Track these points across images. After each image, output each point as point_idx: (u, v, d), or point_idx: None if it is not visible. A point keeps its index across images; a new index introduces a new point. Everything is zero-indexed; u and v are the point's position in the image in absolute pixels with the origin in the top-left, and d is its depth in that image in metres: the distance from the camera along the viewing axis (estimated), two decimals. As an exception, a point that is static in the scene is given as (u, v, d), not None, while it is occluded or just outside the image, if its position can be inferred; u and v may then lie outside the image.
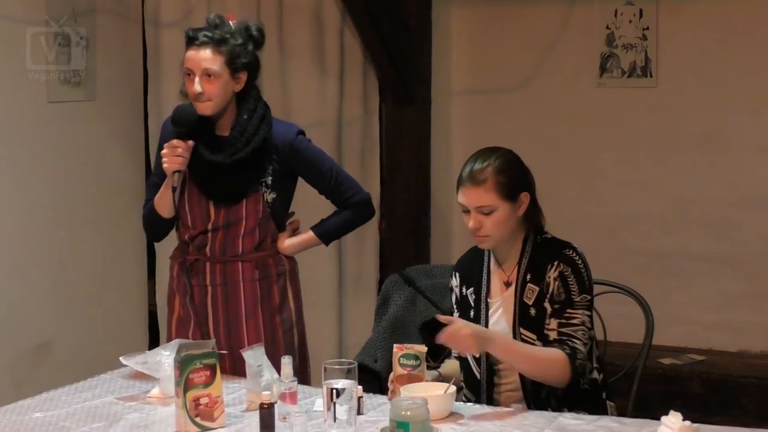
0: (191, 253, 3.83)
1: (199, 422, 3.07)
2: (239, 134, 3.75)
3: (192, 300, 3.82)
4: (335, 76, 5.78)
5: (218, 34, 3.70)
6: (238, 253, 3.81)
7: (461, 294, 3.53)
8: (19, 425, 3.16)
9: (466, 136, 5.91)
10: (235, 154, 3.73)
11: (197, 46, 3.69)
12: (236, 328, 3.82)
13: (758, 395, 5.03)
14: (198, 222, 3.81)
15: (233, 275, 3.82)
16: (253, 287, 3.83)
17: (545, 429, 3.06)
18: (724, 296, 5.47)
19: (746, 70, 5.38)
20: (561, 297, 3.30)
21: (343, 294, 5.86)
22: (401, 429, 2.84)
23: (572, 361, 3.25)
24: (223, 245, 3.81)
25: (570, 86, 5.72)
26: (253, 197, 3.79)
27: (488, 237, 3.35)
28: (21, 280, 5.12)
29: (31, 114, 5.17)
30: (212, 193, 3.78)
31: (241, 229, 3.80)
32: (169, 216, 3.81)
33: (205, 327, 3.82)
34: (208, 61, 3.68)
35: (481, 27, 5.90)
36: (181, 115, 3.73)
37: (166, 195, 3.76)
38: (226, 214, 3.78)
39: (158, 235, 4.02)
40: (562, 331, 3.28)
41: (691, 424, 2.91)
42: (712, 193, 5.47)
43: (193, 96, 3.71)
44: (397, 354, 3.25)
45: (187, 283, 3.82)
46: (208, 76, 3.69)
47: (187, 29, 3.78)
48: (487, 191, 3.30)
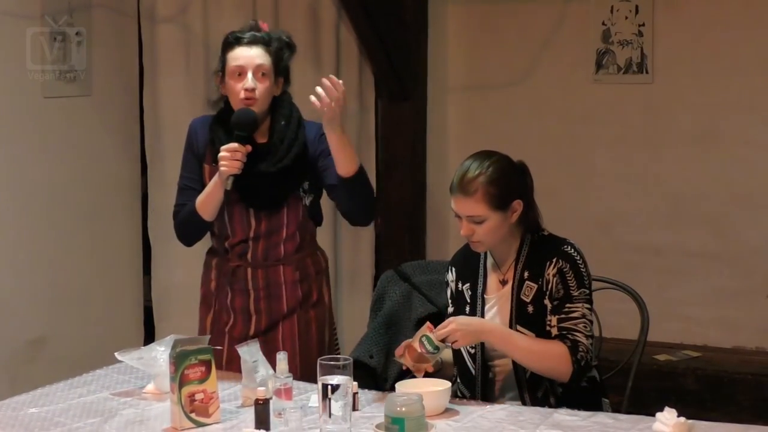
0: (232, 259, 3.80)
1: (195, 418, 3.07)
2: (279, 141, 3.71)
3: (233, 304, 3.80)
4: (331, 73, 5.75)
5: (264, 36, 3.69)
6: (280, 258, 3.79)
7: (457, 289, 3.53)
8: (14, 421, 3.15)
9: (462, 131, 5.92)
10: (279, 162, 3.69)
11: (247, 44, 3.66)
12: (274, 328, 3.80)
13: (753, 391, 5.04)
14: (239, 231, 3.76)
15: (275, 278, 3.79)
16: (294, 288, 3.81)
17: (540, 425, 3.06)
18: (719, 292, 5.48)
19: (742, 67, 5.38)
20: (560, 293, 3.30)
21: (338, 289, 5.86)
22: (396, 425, 2.84)
23: (573, 354, 3.25)
24: (266, 252, 3.78)
25: (566, 82, 5.72)
26: (293, 203, 3.76)
27: (481, 242, 3.37)
28: (16, 275, 5.11)
29: (27, 109, 5.16)
30: (254, 202, 3.72)
31: (282, 236, 3.77)
32: (211, 219, 3.74)
33: (247, 328, 3.78)
34: (261, 58, 3.65)
35: (477, 23, 5.90)
36: (243, 119, 3.63)
37: (216, 196, 3.68)
38: (267, 223, 3.75)
39: (195, 238, 3.88)
40: (562, 326, 3.29)
41: (685, 421, 2.92)
42: (707, 190, 5.48)
43: (245, 93, 3.63)
44: (424, 331, 3.24)
45: (228, 288, 3.80)
46: (261, 75, 3.66)
47: (229, 33, 3.72)
48: (477, 202, 3.30)
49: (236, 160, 3.58)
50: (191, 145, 3.80)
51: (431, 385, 3.20)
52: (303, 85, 5.75)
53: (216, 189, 3.66)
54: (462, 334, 3.23)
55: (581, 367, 3.27)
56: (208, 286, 3.89)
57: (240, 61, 3.64)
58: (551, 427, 3.04)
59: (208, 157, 3.76)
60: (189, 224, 3.78)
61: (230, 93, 3.68)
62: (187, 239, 3.86)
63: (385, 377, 4.21)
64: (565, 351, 3.25)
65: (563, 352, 3.25)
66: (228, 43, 3.69)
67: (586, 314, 3.30)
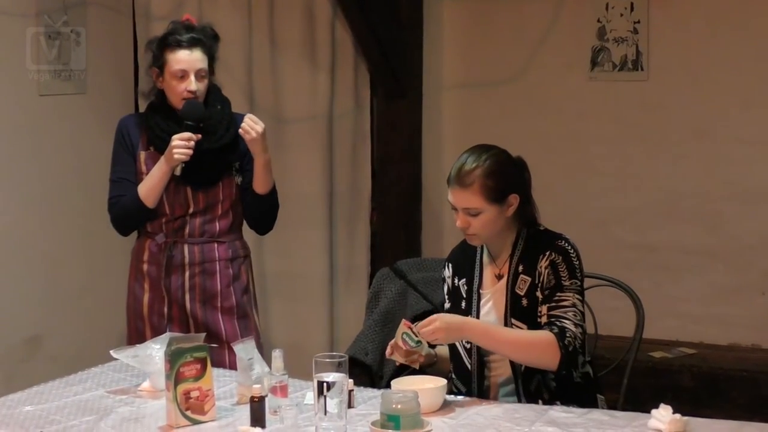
0: (168, 236, 4.02)
1: (190, 415, 3.07)
2: (218, 122, 4.01)
3: (168, 282, 4.02)
4: (326, 70, 5.78)
5: (200, 36, 3.96)
6: (215, 233, 4.04)
7: (453, 285, 3.53)
8: (9, 419, 3.15)
9: (458, 129, 5.92)
10: (219, 140, 3.99)
11: (188, 47, 3.93)
12: (211, 305, 4.04)
13: (748, 388, 5.04)
14: (177, 208, 4.00)
15: (210, 254, 4.04)
16: (226, 267, 4.07)
17: (536, 422, 3.06)
18: (715, 290, 5.48)
19: (737, 64, 5.38)
20: (551, 283, 3.30)
21: (334, 287, 5.86)
22: (392, 422, 2.84)
23: (560, 340, 3.21)
24: (202, 227, 4.03)
25: (561, 80, 5.72)
26: (227, 181, 4.04)
27: (476, 235, 3.37)
28: (11, 274, 5.11)
29: (22, 107, 5.15)
30: (195, 179, 3.97)
31: (218, 212, 4.03)
32: (154, 205, 3.98)
33: (182, 304, 4.01)
34: (200, 62, 3.95)
35: (472, 20, 5.90)
36: (192, 111, 3.93)
37: (162, 183, 3.95)
38: (205, 198, 4.02)
39: (135, 227, 4.14)
40: (551, 313, 3.28)
41: (681, 417, 2.92)
42: (703, 187, 5.48)
43: (188, 94, 3.93)
44: (402, 329, 3.26)
45: (163, 266, 4.01)
46: (201, 77, 3.96)
47: (169, 34, 3.97)
48: (473, 194, 3.30)
49: (189, 148, 3.88)
50: (122, 141, 4.05)
51: (427, 383, 3.20)
52: (299, 82, 5.80)
53: (163, 175, 3.94)
54: (444, 334, 3.22)
55: (569, 352, 3.23)
56: (140, 269, 4.09)
57: (182, 65, 3.93)
58: (547, 424, 3.04)
59: (142, 145, 4.03)
60: (132, 213, 4.02)
61: (171, 90, 3.96)
62: (127, 228, 4.14)
63: (381, 375, 4.22)
64: (551, 338, 3.22)
65: (550, 339, 3.22)
66: (167, 44, 3.94)
67: (576, 304, 3.28)
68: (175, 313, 4.03)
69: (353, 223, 5.93)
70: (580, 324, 3.27)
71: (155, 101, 4.05)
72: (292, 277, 5.81)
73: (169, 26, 4.02)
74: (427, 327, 3.22)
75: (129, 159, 4.03)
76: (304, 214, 5.70)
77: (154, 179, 3.95)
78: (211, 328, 3.99)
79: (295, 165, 5.66)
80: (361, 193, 5.93)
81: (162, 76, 3.97)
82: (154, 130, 3.98)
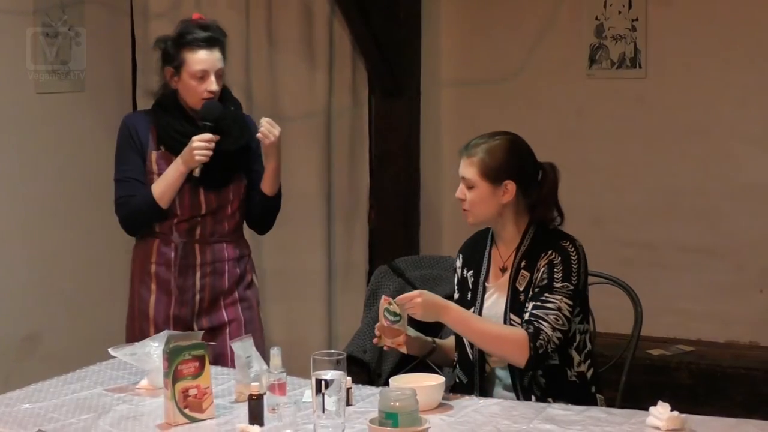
0: (182, 236, 3.98)
1: (188, 413, 3.07)
2: (232, 123, 3.96)
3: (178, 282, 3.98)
4: (324, 68, 5.78)
5: (218, 35, 3.91)
6: (225, 233, 4.02)
7: (462, 276, 3.55)
8: (7, 417, 3.15)
9: (456, 127, 5.91)
10: (236, 141, 3.95)
11: (208, 47, 3.87)
12: (218, 303, 4.04)
13: (746, 386, 5.05)
14: (188, 209, 3.94)
15: (220, 254, 4.02)
16: (234, 266, 4.05)
17: (534, 419, 3.06)
18: (713, 287, 5.48)
19: (735, 61, 5.38)
20: (543, 282, 3.31)
21: (332, 285, 5.87)
22: (390, 420, 2.84)
23: (533, 341, 3.22)
24: (213, 228, 4.00)
25: (559, 77, 5.72)
26: (237, 181, 4.01)
27: (469, 212, 3.41)
28: (9, 272, 5.11)
29: (19, 105, 5.15)
30: (207, 180, 3.91)
31: (227, 212, 4.01)
32: (168, 206, 3.91)
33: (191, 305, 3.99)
34: (219, 62, 3.89)
35: (470, 18, 5.90)
36: (212, 111, 3.88)
37: (178, 184, 3.88)
38: (216, 199, 3.97)
39: (145, 227, 4.03)
40: (533, 312, 3.28)
41: (679, 415, 2.92)
42: (701, 184, 5.48)
43: (208, 94, 3.86)
44: (383, 305, 3.30)
45: (174, 265, 3.98)
46: (219, 76, 3.90)
47: (186, 33, 3.88)
48: (471, 165, 3.36)
49: (209, 149, 3.83)
50: (130, 140, 3.95)
51: (425, 380, 3.20)
52: (297, 80, 5.80)
53: (180, 176, 3.87)
54: (422, 308, 3.24)
55: (539, 354, 3.23)
56: (147, 270, 4.03)
57: (204, 65, 3.86)
58: (545, 422, 3.04)
59: (152, 144, 3.94)
60: (145, 213, 3.95)
61: (190, 90, 3.89)
62: (137, 229, 4.06)
63: (379, 372, 4.22)
64: (524, 337, 3.23)
65: (522, 338, 3.23)
66: (186, 43, 3.86)
67: (562, 308, 3.27)
68: (182, 313, 3.99)
69: (351, 221, 5.93)
70: (558, 328, 3.26)
71: (165, 101, 3.96)
72: (291, 274, 5.81)
73: (180, 25, 3.93)
74: (407, 296, 3.24)
75: (137, 158, 3.93)
76: (302, 211, 5.70)
77: (169, 180, 3.87)
78: (215, 323, 4.01)
79: (294, 163, 5.65)
80: (360, 190, 5.93)
81: (178, 76, 3.89)
82: (167, 130, 3.91)
